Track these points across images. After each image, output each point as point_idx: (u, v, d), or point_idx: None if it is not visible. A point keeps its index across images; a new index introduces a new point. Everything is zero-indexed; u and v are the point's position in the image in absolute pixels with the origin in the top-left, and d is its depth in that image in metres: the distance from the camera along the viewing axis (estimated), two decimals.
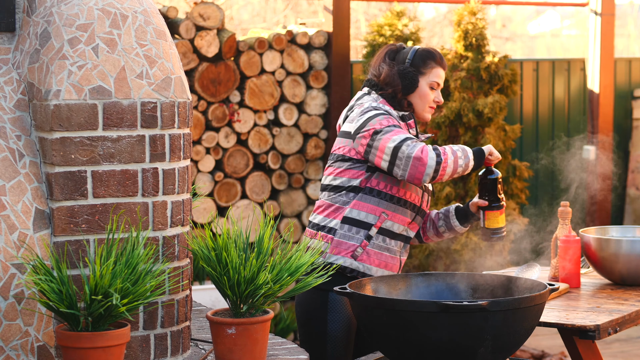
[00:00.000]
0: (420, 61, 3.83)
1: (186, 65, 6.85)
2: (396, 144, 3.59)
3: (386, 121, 3.66)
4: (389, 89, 3.80)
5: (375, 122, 3.65)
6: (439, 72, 3.85)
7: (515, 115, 8.47)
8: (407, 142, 3.60)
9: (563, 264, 4.11)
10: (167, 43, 3.10)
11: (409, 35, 7.35)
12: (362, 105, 3.77)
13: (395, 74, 3.79)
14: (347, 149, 3.73)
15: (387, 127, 3.63)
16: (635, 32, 19.19)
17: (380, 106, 3.73)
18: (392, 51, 3.88)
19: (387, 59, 3.85)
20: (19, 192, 2.92)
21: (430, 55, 3.85)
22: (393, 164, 3.60)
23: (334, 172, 3.76)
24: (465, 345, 3.02)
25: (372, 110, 3.70)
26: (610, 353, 6.86)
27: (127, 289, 2.71)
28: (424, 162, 3.57)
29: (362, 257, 3.68)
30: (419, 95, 3.82)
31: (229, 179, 7.09)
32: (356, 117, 3.71)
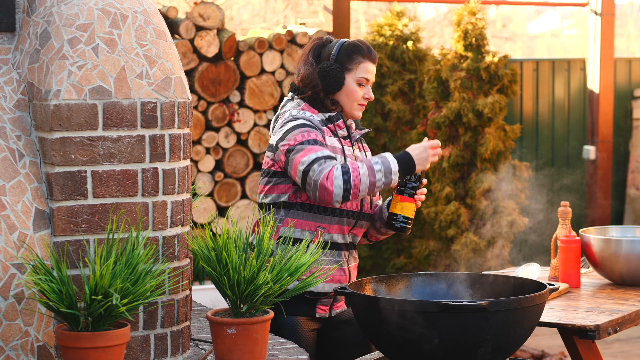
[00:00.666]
0: (346, 56, 3.59)
1: (186, 65, 6.85)
2: (305, 167, 3.40)
3: (300, 136, 3.46)
4: (308, 90, 3.60)
5: (290, 137, 3.46)
6: (368, 66, 3.61)
7: (515, 115, 8.47)
8: (314, 167, 3.40)
9: (563, 264, 4.11)
10: (167, 43, 3.10)
11: (409, 35, 7.35)
12: (284, 114, 3.58)
13: (314, 73, 3.59)
14: (270, 163, 3.55)
15: (299, 145, 3.44)
16: (635, 32, 19.19)
17: (300, 114, 3.53)
18: (317, 46, 3.67)
19: (310, 57, 3.64)
20: (19, 192, 2.92)
21: (357, 49, 3.61)
22: (304, 186, 3.44)
23: (264, 190, 3.58)
24: (465, 345, 3.02)
25: (291, 122, 3.50)
26: (610, 353, 6.86)
27: (127, 289, 2.71)
28: (330, 191, 3.38)
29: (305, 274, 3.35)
30: (345, 93, 3.61)
31: (229, 179, 7.09)
32: (277, 129, 3.54)
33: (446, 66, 6.92)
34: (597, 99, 8.39)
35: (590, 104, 8.48)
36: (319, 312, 3.64)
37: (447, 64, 6.92)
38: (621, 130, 8.85)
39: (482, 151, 6.74)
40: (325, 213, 3.54)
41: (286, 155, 3.47)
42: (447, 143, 6.92)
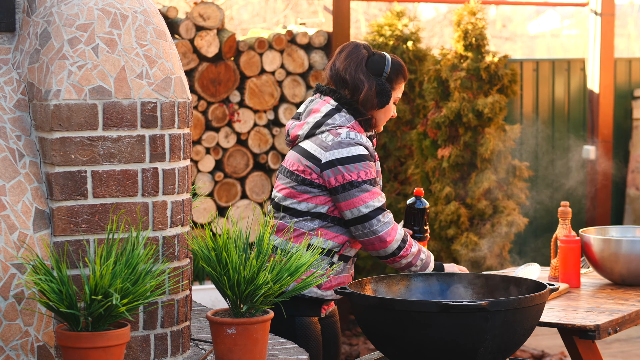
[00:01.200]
0: (394, 75, 3.63)
1: (186, 65, 6.85)
2: (369, 212, 3.49)
3: (364, 172, 3.49)
4: (367, 110, 3.59)
5: (353, 169, 3.47)
6: (403, 87, 3.68)
7: (515, 115, 8.48)
8: (379, 217, 3.49)
9: (563, 264, 4.11)
10: (167, 43, 3.10)
11: (409, 35, 7.35)
12: (337, 132, 3.52)
13: (374, 93, 3.57)
14: (314, 176, 3.53)
15: (364, 184, 3.48)
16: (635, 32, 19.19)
17: (358, 138, 3.52)
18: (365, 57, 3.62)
19: (364, 67, 3.59)
20: (19, 192, 2.92)
21: (402, 70, 3.65)
22: (354, 224, 3.51)
23: (299, 197, 3.56)
24: (465, 345, 3.02)
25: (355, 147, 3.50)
26: (610, 353, 6.86)
27: (127, 289, 2.71)
28: (385, 246, 3.52)
29: (326, 284, 3.59)
30: (385, 110, 3.65)
31: (229, 179, 7.09)
32: (331, 147, 3.51)
33: (446, 66, 6.92)
34: (597, 99, 8.39)
35: (590, 104, 8.48)
36: (323, 312, 3.71)
37: (447, 64, 6.92)
38: (621, 130, 8.85)
39: (482, 151, 6.74)
40: None
41: (345, 186, 3.48)
42: (447, 143, 6.92)
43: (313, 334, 3.63)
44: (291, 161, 3.60)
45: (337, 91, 3.61)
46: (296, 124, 3.67)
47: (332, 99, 3.61)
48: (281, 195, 3.61)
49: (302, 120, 3.65)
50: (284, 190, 3.60)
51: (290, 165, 3.60)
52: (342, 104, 3.59)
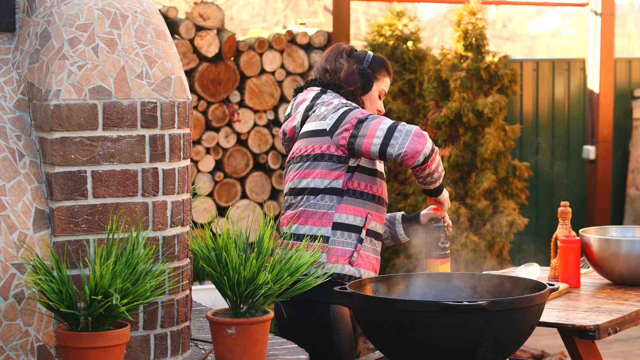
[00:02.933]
0: (376, 65, 3.79)
1: (186, 65, 6.85)
2: (391, 125, 3.52)
3: (367, 112, 3.60)
4: (349, 86, 3.72)
5: (355, 113, 3.57)
6: (388, 82, 3.81)
7: (515, 115, 8.47)
8: (402, 123, 3.55)
9: (563, 264, 4.11)
10: (167, 43, 3.10)
11: (409, 35, 7.35)
12: (329, 103, 3.66)
13: (355, 70, 3.72)
14: (324, 147, 3.59)
15: (371, 115, 3.57)
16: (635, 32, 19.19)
17: (352, 104, 3.66)
18: (346, 50, 3.80)
19: (345, 55, 3.77)
20: (19, 192, 2.92)
21: (385, 63, 3.81)
22: (387, 144, 3.50)
23: (310, 174, 3.61)
24: (465, 345, 3.02)
25: (346, 106, 3.62)
26: (610, 353, 6.86)
27: (127, 289, 2.71)
28: (424, 140, 3.51)
29: (358, 261, 3.60)
30: (369, 99, 3.77)
31: (229, 179, 7.09)
32: (328, 114, 3.61)
33: (446, 66, 6.92)
34: (597, 99, 8.39)
35: (590, 104, 8.48)
36: None
37: (447, 64, 6.92)
38: (621, 130, 8.85)
39: (482, 151, 6.74)
40: (373, 200, 3.65)
41: (357, 126, 3.54)
42: (447, 143, 6.92)
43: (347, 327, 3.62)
44: (298, 147, 3.66)
45: (317, 79, 3.76)
46: (287, 121, 3.76)
47: (314, 87, 3.76)
48: (296, 179, 3.64)
49: (292, 115, 3.75)
50: (296, 175, 3.65)
51: (299, 151, 3.66)
52: (325, 86, 3.74)
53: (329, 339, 3.58)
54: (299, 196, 3.63)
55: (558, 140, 8.67)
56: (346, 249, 3.58)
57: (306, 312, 3.54)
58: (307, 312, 3.54)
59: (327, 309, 3.58)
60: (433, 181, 3.66)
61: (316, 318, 3.58)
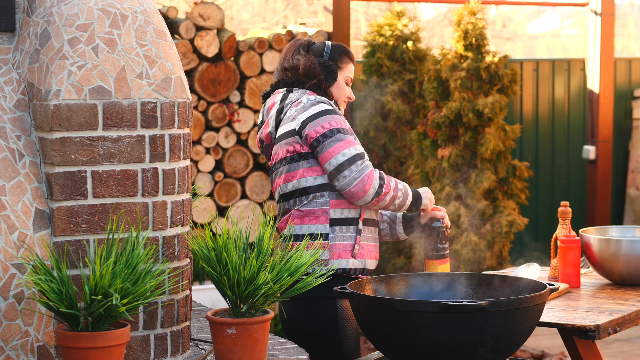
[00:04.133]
0: (337, 55, 3.80)
1: (186, 65, 6.85)
2: (345, 160, 3.56)
3: (335, 122, 3.60)
4: (312, 79, 3.74)
5: (323, 120, 3.59)
6: (352, 68, 3.83)
7: (515, 115, 8.47)
8: (357, 163, 3.56)
9: (563, 264, 4.11)
10: (167, 43, 3.10)
11: (409, 35, 7.35)
12: (297, 102, 3.67)
13: (315, 64, 3.74)
14: (297, 147, 3.62)
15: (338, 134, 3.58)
16: (635, 32, 19.19)
17: (319, 98, 3.67)
18: (304, 45, 3.81)
19: (302, 50, 3.78)
20: (19, 192, 2.92)
21: (345, 50, 3.82)
22: (336, 175, 3.57)
23: (295, 176, 3.64)
24: (465, 345, 3.02)
25: (317, 105, 3.63)
26: (610, 353, 6.86)
27: (127, 289, 2.71)
28: (366, 190, 3.56)
29: (360, 252, 3.64)
30: (337, 88, 3.78)
31: (229, 179, 7.09)
32: (297, 114, 3.63)
33: (446, 66, 6.92)
34: (597, 99, 8.39)
35: (590, 104, 8.48)
36: None
37: (447, 64, 6.92)
38: (621, 130, 8.85)
39: (482, 151, 6.74)
40: None
41: (318, 140, 3.58)
42: (447, 143, 6.92)
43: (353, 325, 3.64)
44: (276, 152, 3.69)
45: (281, 80, 3.79)
46: (262, 128, 3.79)
47: (279, 88, 3.78)
48: (282, 185, 3.67)
49: (265, 121, 3.78)
50: (282, 179, 3.67)
51: (277, 156, 3.68)
52: (290, 85, 3.76)
53: (336, 337, 3.60)
54: (290, 200, 3.66)
55: (558, 140, 8.67)
56: (347, 243, 3.61)
57: (313, 311, 3.56)
58: (313, 311, 3.56)
59: (334, 307, 3.61)
60: (397, 208, 3.69)
61: (323, 317, 3.59)
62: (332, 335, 3.61)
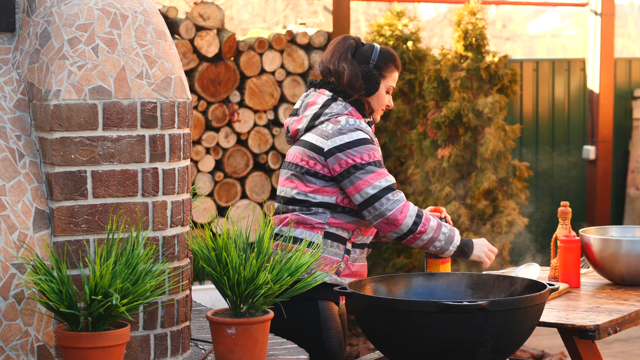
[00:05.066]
0: (383, 63, 3.70)
1: (186, 65, 6.85)
2: (377, 192, 3.51)
3: (367, 155, 3.55)
4: (354, 93, 3.65)
5: (355, 152, 3.53)
6: (396, 75, 3.75)
7: (515, 115, 8.47)
8: (388, 196, 3.51)
9: (563, 264, 4.11)
10: (167, 43, 3.10)
11: (409, 35, 7.35)
12: (336, 120, 3.59)
13: (358, 74, 3.65)
14: (318, 166, 3.58)
15: (368, 166, 3.53)
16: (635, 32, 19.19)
17: (358, 124, 3.59)
18: (352, 47, 3.71)
19: (350, 56, 3.68)
20: (19, 192, 2.92)
21: (392, 57, 3.72)
22: (364, 208, 3.53)
23: (306, 189, 3.61)
24: (465, 345, 3.02)
25: (354, 132, 3.56)
26: (610, 353, 6.86)
27: (127, 289, 2.71)
28: (398, 224, 3.52)
29: (345, 272, 3.63)
30: (376, 98, 3.70)
31: (229, 179, 7.09)
32: (332, 135, 3.56)
33: (446, 66, 6.92)
34: (597, 99, 8.38)
35: (590, 104, 8.48)
36: (341, 300, 3.76)
37: (447, 64, 6.92)
38: (621, 130, 8.85)
39: (482, 151, 6.74)
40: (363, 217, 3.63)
41: (349, 170, 3.53)
42: (447, 143, 6.92)
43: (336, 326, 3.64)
44: (294, 155, 3.66)
45: (329, 82, 3.70)
46: (295, 119, 3.72)
47: (326, 90, 3.69)
48: (288, 189, 3.65)
49: (300, 115, 3.71)
50: (290, 183, 3.65)
51: (294, 158, 3.65)
52: (336, 93, 3.67)
53: (319, 337, 3.61)
54: (290, 206, 3.65)
55: (558, 140, 8.67)
56: (334, 259, 3.60)
57: (294, 311, 3.54)
58: (294, 311, 3.54)
59: (316, 307, 3.61)
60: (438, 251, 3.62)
61: (304, 317, 3.59)
62: (315, 335, 3.61)
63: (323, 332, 3.61)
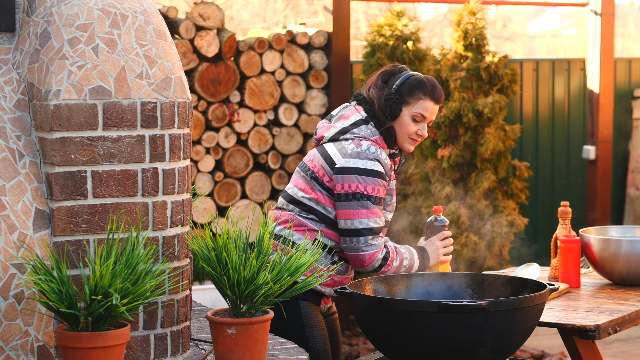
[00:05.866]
0: (407, 90, 3.66)
1: (186, 65, 6.85)
2: (361, 228, 3.56)
3: (372, 188, 3.56)
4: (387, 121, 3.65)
5: (362, 181, 3.55)
6: (427, 104, 3.67)
7: (515, 115, 8.47)
8: (367, 238, 3.56)
9: (563, 264, 4.11)
10: (167, 43, 3.10)
11: (409, 36, 7.35)
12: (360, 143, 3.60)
13: (382, 99, 3.66)
14: (326, 178, 3.62)
15: (367, 200, 3.55)
16: (635, 32, 19.19)
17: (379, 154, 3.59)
18: (387, 72, 3.73)
19: (380, 81, 3.71)
20: (19, 192, 2.92)
21: (420, 85, 3.67)
22: (344, 235, 3.59)
23: (311, 194, 3.64)
24: (465, 345, 3.02)
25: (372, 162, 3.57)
26: (610, 353, 6.86)
27: (127, 289, 2.71)
28: (364, 265, 3.60)
29: (327, 282, 3.66)
30: (399, 125, 3.67)
31: (229, 179, 7.09)
32: (349, 155, 3.59)
33: (446, 66, 6.92)
34: (597, 99, 8.38)
35: (590, 104, 8.48)
36: (322, 304, 3.77)
37: (447, 64, 6.92)
38: (621, 130, 8.85)
39: (482, 151, 6.74)
40: None
41: (348, 196, 3.56)
42: (447, 143, 6.92)
43: (319, 324, 3.67)
44: (310, 158, 3.70)
45: (365, 101, 3.72)
46: (325, 124, 3.76)
47: (363, 109, 3.70)
48: (296, 189, 3.69)
49: (331, 123, 3.74)
50: (300, 184, 3.69)
51: (309, 162, 3.69)
52: (370, 117, 3.68)
53: (302, 335, 3.63)
54: (291, 205, 3.69)
55: (558, 140, 8.67)
56: (319, 267, 3.57)
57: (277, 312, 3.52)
58: (278, 312, 3.53)
59: (298, 306, 3.64)
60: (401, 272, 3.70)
61: (288, 316, 3.60)
62: (299, 334, 3.63)
63: (306, 329, 3.64)
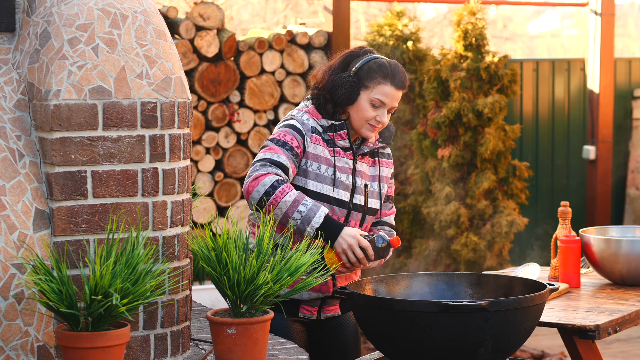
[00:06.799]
0: (367, 73, 3.49)
1: (186, 65, 6.85)
2: (254, 160, 3.45)
3: (278, 134, 3.48)
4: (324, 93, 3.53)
5: (278, 129, 3.53)
6: (386, 89, 3.49)
7: (515, 115, 8.47)
8: (257, 165, 3.39)
9: (563, 264, 4.11)
10: (167, 43, 3.10)
11: (409, 35, 7.35)
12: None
13: (330, 81, 3.53)
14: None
15: (269, 142, 3.48)
16: (635, 32, 19.20)
17: (297, 115, 3.54)
18: (351, 55, 3.58)
19: (338, 63, 3.56)
20: (19, 192, 2.92)
21: (380, 69, 3.51)
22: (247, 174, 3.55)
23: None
24: (465, 345, 3.02)
25: (284, 120, 3.56)
26: (610, 353, 6.86)
27: (127, 289, 2.71)
28: (250, 191, 3.36)
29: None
30: (356, 109, 3.50)
31: (229, 179, 7.09)
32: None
33: (446, 66, 6.92)
34: (597, 99, 8.39)
35: (590, 104, 8.48)
36: (303, 313, 3.64)
37: (447, 64, 6.92)
38: (621, 130, 8.85)
39: (482, 151, 6.74)
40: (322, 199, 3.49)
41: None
42: (447, 143, 6.92)
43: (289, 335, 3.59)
44: None
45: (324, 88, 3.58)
46: None
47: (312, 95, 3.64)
48: None
49: None
50: None
51: None
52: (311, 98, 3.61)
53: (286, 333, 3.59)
54: None
55: (558, 140, 8.67)
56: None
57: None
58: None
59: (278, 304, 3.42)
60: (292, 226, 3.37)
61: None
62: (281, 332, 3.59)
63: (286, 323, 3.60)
